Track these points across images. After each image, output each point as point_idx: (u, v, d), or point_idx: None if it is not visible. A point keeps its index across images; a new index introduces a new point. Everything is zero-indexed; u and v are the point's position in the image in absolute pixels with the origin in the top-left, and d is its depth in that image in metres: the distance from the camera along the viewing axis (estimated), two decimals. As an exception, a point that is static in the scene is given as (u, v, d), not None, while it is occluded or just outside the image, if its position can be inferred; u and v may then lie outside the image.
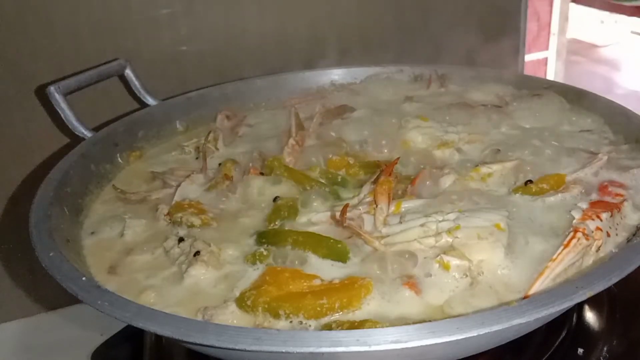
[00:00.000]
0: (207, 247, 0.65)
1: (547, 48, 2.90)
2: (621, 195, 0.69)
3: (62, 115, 0.83)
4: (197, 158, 0.89)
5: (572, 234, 0.60)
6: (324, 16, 1.16)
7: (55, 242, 0.60)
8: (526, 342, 0.68)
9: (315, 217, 0.70)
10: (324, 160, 0.82)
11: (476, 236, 0.61)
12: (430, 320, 0.49)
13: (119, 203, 0.79)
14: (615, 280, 0.49)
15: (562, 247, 0.59)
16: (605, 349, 0.68)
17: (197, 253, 0.64)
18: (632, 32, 4.02)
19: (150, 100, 0.97)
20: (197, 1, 1.05)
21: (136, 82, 0.96)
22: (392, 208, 0.68)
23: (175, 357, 0.76)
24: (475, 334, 0.44)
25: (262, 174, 0.81)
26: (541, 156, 0.79)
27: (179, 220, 0.71)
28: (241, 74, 1.09)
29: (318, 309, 0.55)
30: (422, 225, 0.63)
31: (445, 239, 0.62)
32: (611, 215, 0.63)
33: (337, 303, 0.56)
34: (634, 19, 3.47)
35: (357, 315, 0.56)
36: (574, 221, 0.62)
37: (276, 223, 0.70)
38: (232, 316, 0.56)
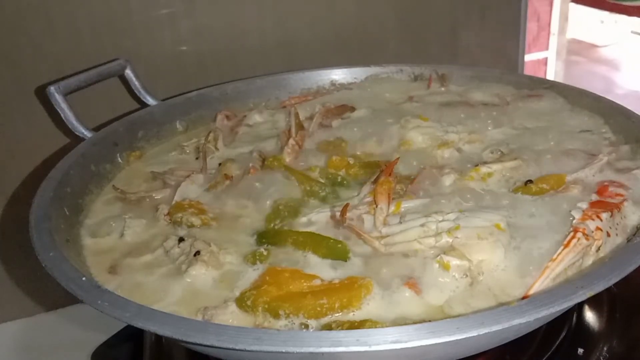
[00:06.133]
0: (207, 247, 0.65)
1: (547, 48, 2.91)
2: (621, 195, 0.68)
3: (62, 115, 0.83)
4: (197, 158, 0.89)
5: (572, 234, 0.60)
6: (324, 16, 1.16)
7: (55, 242, 0.60)
8: (526, 342, 0.68)
9: (315, 217, 0.70)
10: (324, 161, 0.83)
11: (476, 236, 0.61)
12: (430, 320, 0.49)
13: (119, 203, 0.79)
14: (615, 280, 0.49)
15: (562, 247, 0.59)
16: (605, 349, 0.68)
17: (197, 253, 0.64)
18: (632, 32, 4.03)
19: (150, 100, 0.97)
20: (197, 1, 1.05)
21: (136, 82, 0.96)
22: (392, 208, 0.68)
23: (175, 357, 0.76)
24: (475, 334, 0.44)
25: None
26: (541, 156, 0.79)
27: (179, 220, 0.71)
28: (241, 74, 1.09)
29: (318, 309, 0.55)
30: (422, 225, 0.63)
31: (445, 239, 0.62)
32: (611, 216, 0.63)
33: (337, 303, 0.56)
34: (634, 19, 3.48)
35: (357, 315, 0.56)
36: (574, 221, 0.62)
37: (276, 223, 0.70)
38: (232, 316, 0.56)
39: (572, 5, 3.11)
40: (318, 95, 1.08)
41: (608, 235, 0.61)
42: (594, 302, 0.74)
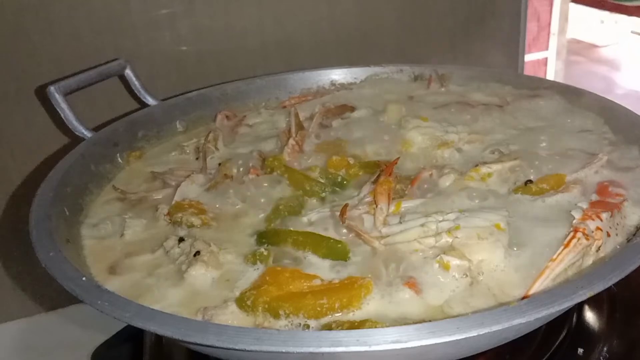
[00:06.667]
0: (207, 247, 0.65)
1: (547, 48, 2.91)
2: (621, 195, 0.68)
3: (62, 115, 0.83)
4: (197, 158, 0.89)
5: (572, 233, 0.60)
6: (324, 16, 1.16)
7: (55, 242, 0.59)
8: (526, 342, 0.68)
9: (315, 217, 0.70)
10: (324, 161, 0.83)
11: (476, 236, 0.61)
12: (430, 320, 0.49)
13: (119, 203, 0.79)
14: (615, 280, 0.49)
15: (562, 247, 0.59)
16: (605, 349, 0.68)
17: (197, 253, 0.64)
18: (632, 32, 4.03)
19: (150, 100, 0.97)
20: (197, 1, 1.05)
21: (136, 82, 0.96)
22: (392, 208, 0.68)
23: (175, 357, 0.76)
24: (475, 334, 0.44)
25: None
26: (541, 156, 0.79)
27: (179, 220, 0.71)
28: (241, 74, 1.09)
29: (318, 309, 0.55)
30: (422, 225, 0.63)
31: (445, 239, 0.62)
32: (611, 215, 0.63)
33: (337, 303, 0.56)
34: (634, 19, 3.48)
35: (357, 315, 0.56)
36: (574, 221, 0.62)
37: (276, 223, 0.70)
38: (232, 316, 0.56)
39: (572, 5, 3.11)
40: (318, 95, 1.08)
41: (608, 235, 0.61)
42: (594, 302, 0.74)
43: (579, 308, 0.74)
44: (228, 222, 0.72)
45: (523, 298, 0.55)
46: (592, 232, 0.60)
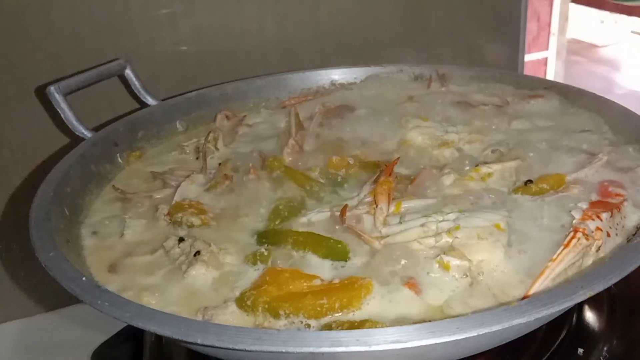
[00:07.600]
0: (208, 247, 0.65)
1: (547, 48, 2.91)
2: (621, 195, 0.68)
3: (62, 115, 0.83)
4: (197, 158, 0.89)
5: (572, 233, 0.60)
6: (324, 16, 1.16)
7: (55, 242, 0.59)
8: (526, 342, 0.68)
9: (315, 217, 0.70)
10: (324, 161, 0.83)
11: (476, 236, 0.61)
12: (430, 320, 0.49)
13: (119, 203, 0.79)
14: (615, 280, 0.49)
15: (562, 247, 0.59)
16: (605, 349, 0.68)
17: (197, 253, 0.64)
18: (632, 32, 4.03)
19: (150, 100, 0.97)
20: (197, 1, 1.05)
21: (136, 82, 0.96)
22: (392, 208, 0.68)
23: (175, 357, 0.76)
24: (475, 334, 0.44)
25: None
26: (541, 156, 0.79)
27: (179, 220, 0.71)
28: (241, 74, 1.09)
29: (318, 309, 0.55)
30: (422, 225, 0.63)
31: (445, 239, 0.62)
32: (611, 216, 0.63)
33: (337, 303, 0.56)
34: (634, 19, 3.48)
35: (357, 315, 0.56)
36: (574, 221, 0.62)
37: (276, 223, 0.70)
38: (232, 316, 0.56)
39: (572, 5, 3.11)
40: (318, 95, 1.08)
41: (608, 235, 0.61)
42: (594, 302, 0.74)
43: (579, 308, 0.74)
44: (228, 222, 0.72)
45: (523, 298, 0.55)
46: (592, 232, 0.60)
